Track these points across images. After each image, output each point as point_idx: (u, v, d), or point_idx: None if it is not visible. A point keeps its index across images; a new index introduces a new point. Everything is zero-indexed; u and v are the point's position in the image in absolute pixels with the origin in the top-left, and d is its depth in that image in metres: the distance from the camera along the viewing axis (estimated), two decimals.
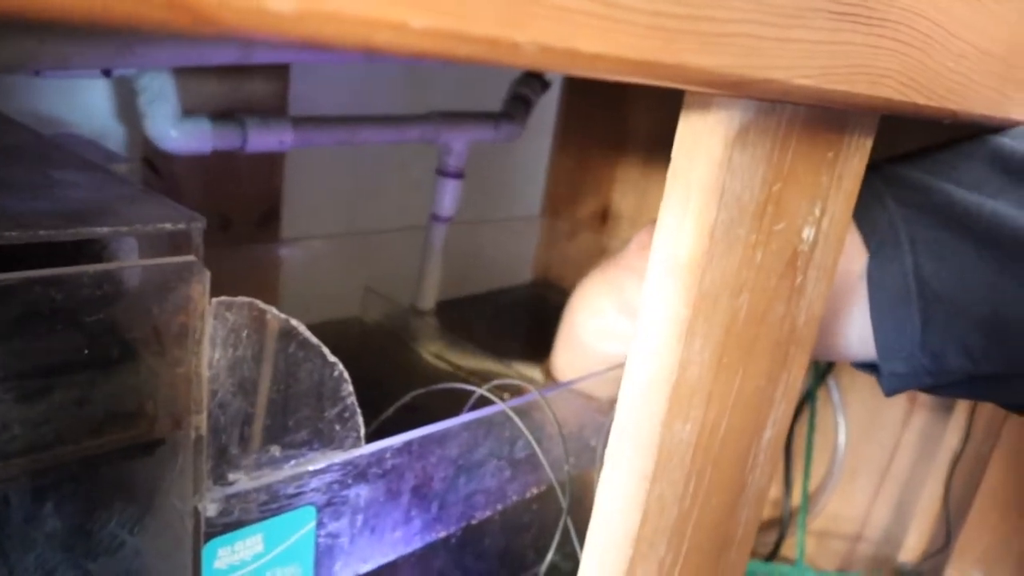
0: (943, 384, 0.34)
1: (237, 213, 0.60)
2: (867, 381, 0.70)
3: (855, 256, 0.35)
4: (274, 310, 0.30)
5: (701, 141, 0.24)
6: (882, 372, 0.35)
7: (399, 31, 0.12)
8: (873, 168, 0.35)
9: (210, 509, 0.31)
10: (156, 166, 0.55)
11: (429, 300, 0.62)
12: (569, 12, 0.15)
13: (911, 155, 0.37)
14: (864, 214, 0.35)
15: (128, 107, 0.57)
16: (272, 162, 0.60)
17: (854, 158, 0.31)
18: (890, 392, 0.36)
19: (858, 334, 0.35)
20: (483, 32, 0.13)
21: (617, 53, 0.16)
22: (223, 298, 0.29)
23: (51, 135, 0.41)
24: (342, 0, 0.11)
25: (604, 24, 0.16)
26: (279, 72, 0.55)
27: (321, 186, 0.69)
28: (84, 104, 0.55)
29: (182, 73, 0.45)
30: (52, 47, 0.35)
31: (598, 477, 0.50)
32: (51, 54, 0.36)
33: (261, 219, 0.61)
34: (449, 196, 0.58)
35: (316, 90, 0.61)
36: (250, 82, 0.53)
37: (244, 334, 0.30)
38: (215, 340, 0.29)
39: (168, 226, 0.27)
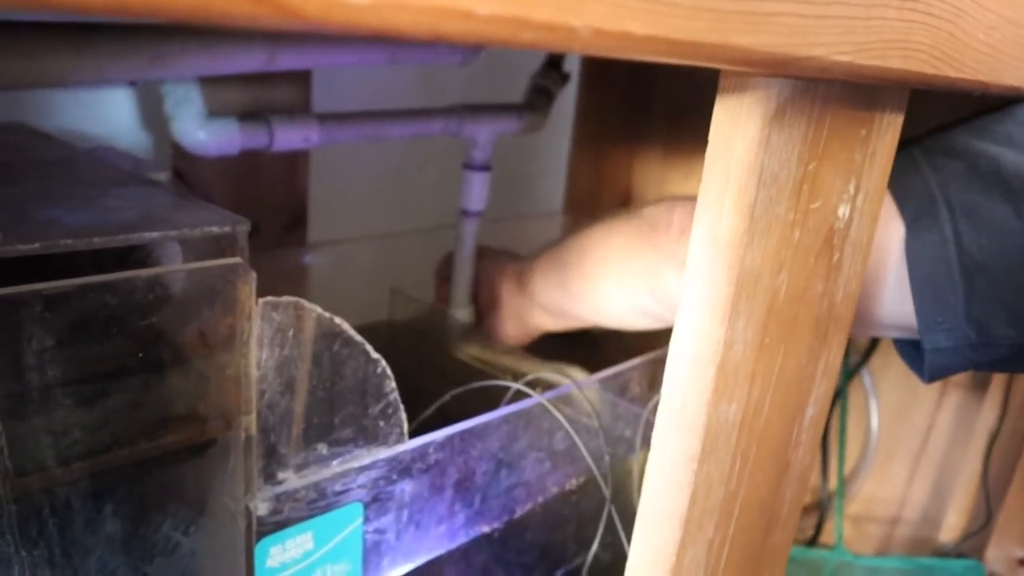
0: (988, 360, 0.34)
1: (264, 220, 0.61)
2: (899, 365, 0.70)
3: (891, 227, 0.34)
4: (319, 309, 0.31)
5: (739, 122, 0.24)
6: (924, 348, 0.34)
7: (466, 18, 0.13)
8: (914, 141, 0.35)
9: (261, 508, 0.32)
10: (184, 176, 0.56)
11: (462, 297, 0.61)
12: None
13: (958, 122, 0.36)
14: (900, 184, 0.34)
15: (154, 119, 0.58)
16: (297, 167, 0.61)
17: (886, 135, 0.31)
18: (932, 376, 0.35)
19: (891, 307, 0.35)
20: (543, 18, 0.14)
21: (666, 35, 0.17)
22: (269, 298, 0.29)
23: (88, 148, 0.42)
24: None
25: (654, 7, 0.16)
26: (302, 76, 0.55)
27: (346, 189, 0.70)
28: (110, 118, 0.56)
29: (207, 81, 0.46)
30: (89, 60, 0.36)
31: (637, 466, 0.50)
32: (88, 67, 0.36)
33: (288, 225, 0.62)
34: (477, 189, 0.58)
35: (337, 92, 0.62)
36: (273, 88, 0.54)
37: (290, 334, 0.30)
38: (262, 340, 0.30)
39: (215, 229, 0.28)
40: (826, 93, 0.26)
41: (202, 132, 0.45)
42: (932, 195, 0.33)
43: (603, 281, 0.47)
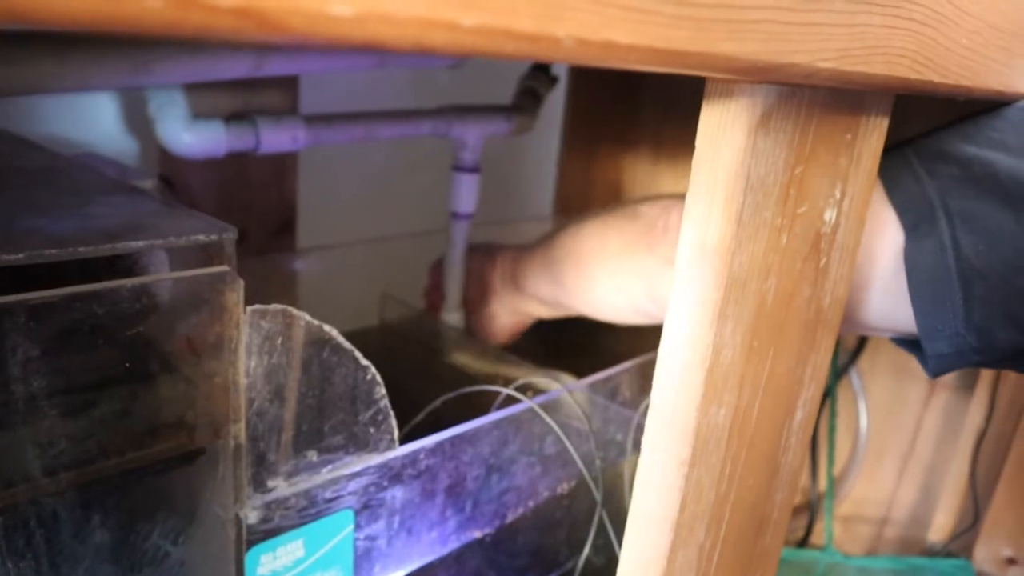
0: (991, 360, 0.34)
1: (253, 226, 0.60)
2: (887, 365, 0.71)
3: (890, 234, 0.34)
4: (307, 316, 0.31)
5: (725, 128, 0.25)
6: (926, 353, 0.34)
7: (451, 30, 0.13)
8: (908, 145, 0.35)
9: (251, 516, 0.32)
10: (171, 182, 0.56)
11: (454, 301, 0.61)
12: (602, 6, 0.15)
13: (951, 125, 0.36)
14: (898, 191, 0.34)
15: (139, 125, 0.58)
16: (286, 172, 0.61)
17: (871, 138, 0.31)
18: (936, 374, 0.35)
19: (886, 311, 0.35)
20: (527, 29, 0.14)
21: (649, 44, 0.17)
22: (257, 306, 0.29)
23: (73, 155, 0.42)
24: (397, 2, 0.12)
25: (635, 16, 0.16)
26: (289, 81, 0.55)
27: (336, 195, 0.70)
28: (95, 124, 0.56)
29: (193, 86, 0.46)
30: (73, 68, 0.36)
31: (628, 469, 0.50)
32: (72, 75, 0.36)
33: (277, 231, 0.62)
34: (467, 191, 0.58)
35: (325, 96, 0.62)
36: (260, 93, 0.53)
37: (278, 341, 0.30)
38: (250, 348, 0.30)
39: (201, 237, 0.28)
40: (811, 98, 0.27)
41: (187, 134, 0.44)
42: (930, 202, 0.33)
43: (598, 280, 0.47)
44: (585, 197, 0.82)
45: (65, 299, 0.25)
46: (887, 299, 0.35)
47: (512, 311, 0.57)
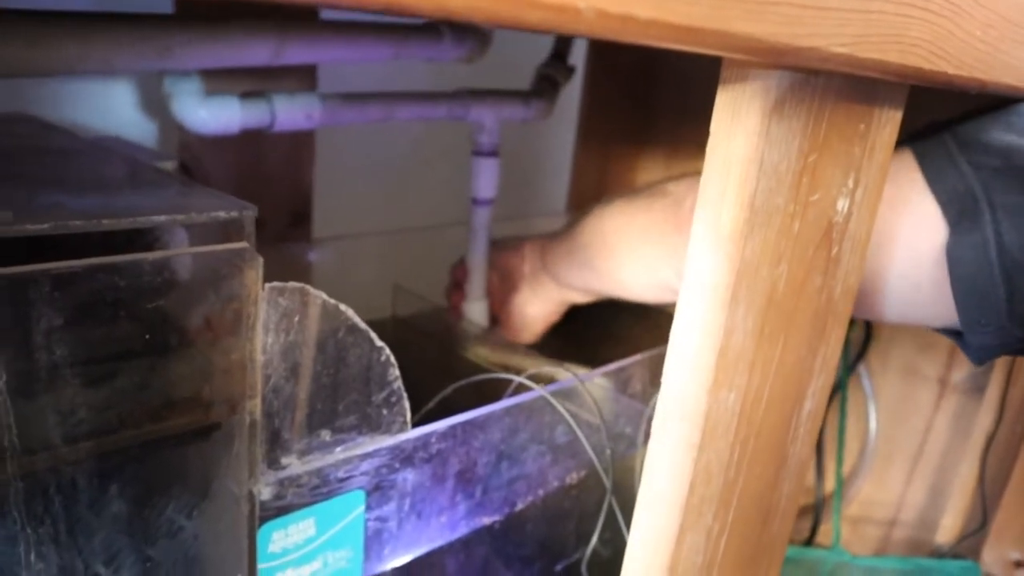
0: None
1: (268, 215, 0.61)
2: (897, 366, 0.71)
3: (930, 226, 0.34)
4: (324, 295, 0.31)
5: (740, 113, 0.25)
6: (969, 345, 0.34)
7: None
8: (946, 130, 0.35)
9: (264, 493, 0.32)
10: (188, 170, 0.56)
11: (478, 290, 0.60)
12: None
13: (985, 112, 0.35)
14: (941, 183, 0.34)
15: (159, 111, 0.58)
16: (302, 163, 0.61)
17: (885, 129, 0.31)
18: (980, 362, 0.35)
19: (913, 301, 0.35)
20: None
21: (667, 19, 0.17)
22: (275, 284, 0.30)
23: (94, 138, 0.43)
24: None
25: None
26: (307, 69, 0.56)
27: (351, 186, 0.70)
28: (114, 109, 0.57)
29: (213, 72, 0.46)
30: (96, 51, 0.36)
31: (639, 462, 0.50)
32: (95, 58, 0.37)
33: (292, 221, 0.62)
34: (486, 177, 0.57)
35: (343, 85, 0.62)
36: (278, 80, 0.54)
37: (295, 319, 0.31)
38: (268, 326, 0.30)
39: (222, 214, 0.28)
40: (825, 86, 0.27)
41: (202, 109, 0.44)
42: (974, 195, 0.33)
43: (626, 259, 0.47)
44: (600, 193, 0.82)
45: (87, 270, 0.25)
46: (922, 290, 0.35)
47: (544, 299, 0.57)
